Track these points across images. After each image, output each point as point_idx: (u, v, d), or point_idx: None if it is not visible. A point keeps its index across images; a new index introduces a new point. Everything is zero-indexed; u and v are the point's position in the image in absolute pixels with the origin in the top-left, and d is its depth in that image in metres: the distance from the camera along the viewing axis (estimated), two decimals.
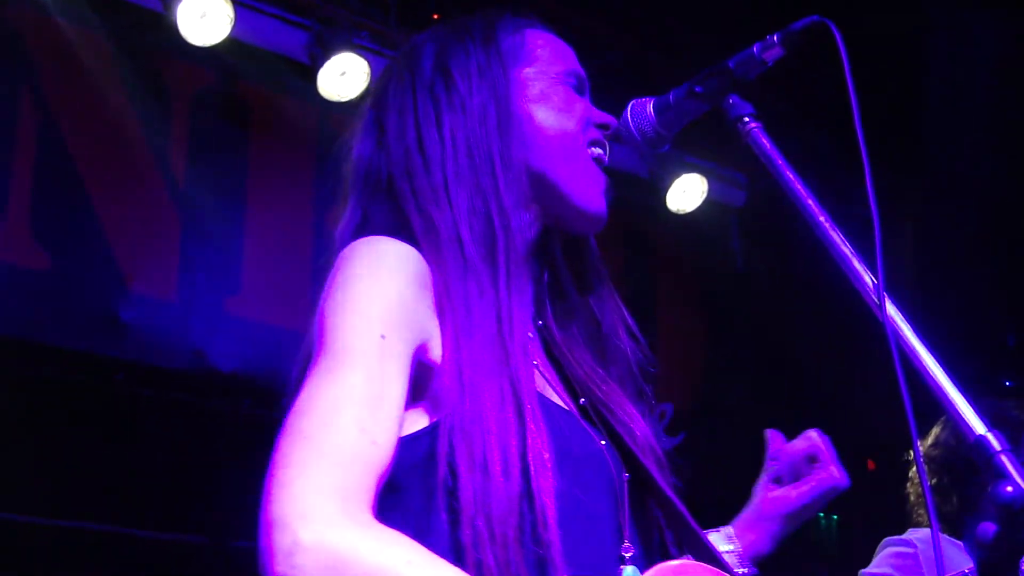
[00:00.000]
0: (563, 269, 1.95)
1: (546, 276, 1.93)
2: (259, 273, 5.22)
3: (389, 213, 1.79)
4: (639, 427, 1.84)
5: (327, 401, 1.54)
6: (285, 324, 5.24)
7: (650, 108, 1.94)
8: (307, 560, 1.41)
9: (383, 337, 1.59)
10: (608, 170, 1.93)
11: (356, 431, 1.51)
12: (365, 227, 1.79)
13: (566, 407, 1.78)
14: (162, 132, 5.15)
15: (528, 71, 1.91)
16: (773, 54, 1.84)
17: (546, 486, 1.59)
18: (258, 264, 5.23)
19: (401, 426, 1.60)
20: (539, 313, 1.90)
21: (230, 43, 5.04)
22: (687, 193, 6.33)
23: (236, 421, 5.27)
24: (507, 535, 1.54)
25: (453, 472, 1.58)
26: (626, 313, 1.98)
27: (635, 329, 1.97)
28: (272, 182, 5.38)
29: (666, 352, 6.84)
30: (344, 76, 5.21)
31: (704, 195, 6.36)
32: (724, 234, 6.99)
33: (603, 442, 1.76)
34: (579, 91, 1.94)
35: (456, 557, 1.54)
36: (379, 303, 1.61)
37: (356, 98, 5.25)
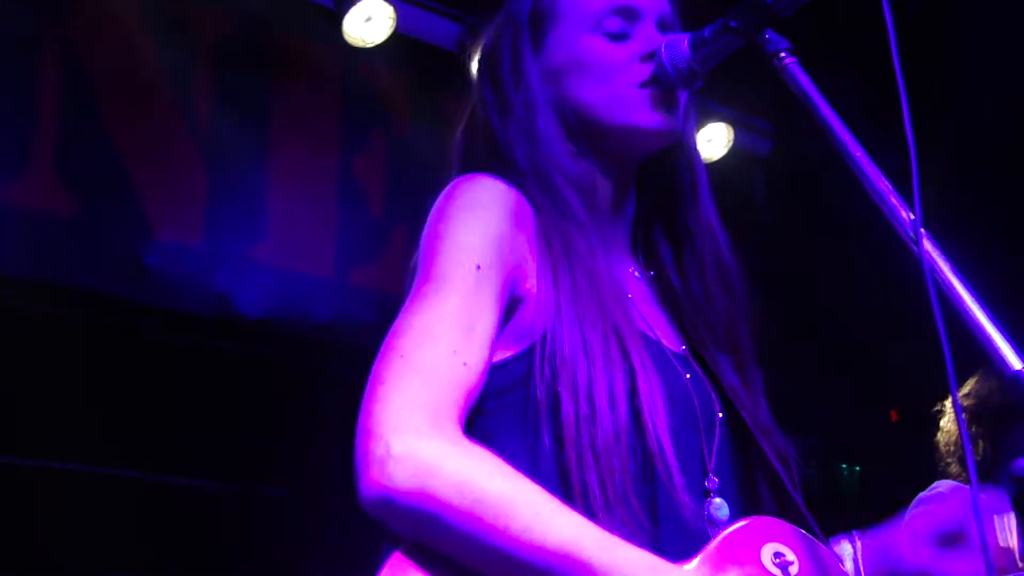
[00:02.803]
0: (671, 204, 2.05)
1: (658, 227, 2.03)
2: (284, 219, 5.22)
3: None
4: (729, 373, 1.92)
5: (423, 324, 1.65)
6: (310, 271, 5.25)
7: (685, 44, 1.93)
8: (397, 468, 1.52)
9: (478, 268, 1.69)
10: None
11: (448, 352, 1.62)
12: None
13: (656, 340, 1.84)
14: (187, 77, 5.13)
15: (556, 37, 1.98)
16: None
17: (660, 425, 1.68)
18: (284, 211, 5.23)
19: (492, 353, 1.70)
20: (653, 262, 2.01)
21: None
22: (712, 142, 6.30)
23: (262, 367, 5.30)
24: (613, 464, 1.63)
25: (554, 397, 1.67)
26: (723, 252, 2.05)
27: (730, 272, 2.05)
28: (297, 128, 5.36)
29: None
30: (369, 22, 5.17)
31: (729, 144, 6.32)
32: (749, 184, 6.95)
33: (688, 376, 1.83)
34: (618, 36, 1.97)
35: (561, 477, 1.64)
36: (475, 235, 1.72)
37: (381, 43, 5.22)
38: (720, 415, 1.83)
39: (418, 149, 5.29)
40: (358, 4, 5.12)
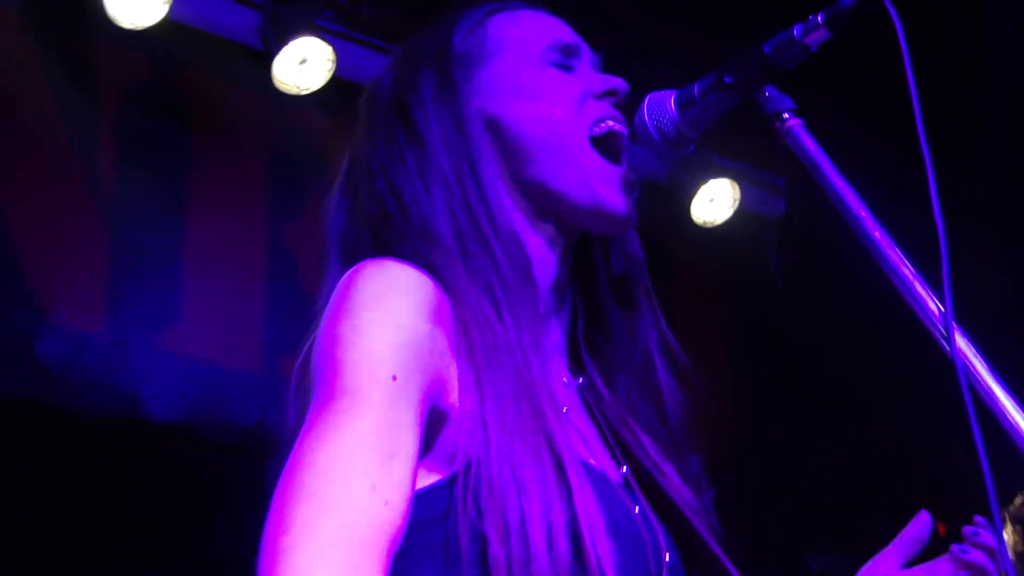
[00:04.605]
0: (603, 298, 2.01)
1: (581, 323, 1.99)
2: (202, 301, 5.21)
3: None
4: (687, 497, 1.88)
5: (333, 454, 1.55)
6: (232, 363, 5.23)
7: (671, 103, 1.93)
8: None
9: (394, 378, 1.61)
10: None
11: (367, 489, 1.53)
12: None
13: (601, 470, 1.81)
14: (87, 131, 5.15)
15: (494, 70, 1.97)
16: (817, 37, 1.84)
17: (605, 558, 1.62)
18: (201, 290, 5.22)
19: (415, 484, 1.62)
20: (580, 368, 1.96)
21: (167, 25, 5.04)
22: (715, 202, 6.33)
23: (177, 477, 5.26)
24: None
25: (480, 540, 1.60)
26: (670, 342, 2.03)
27: (679, 362, 2.03)
28: (218, 191, 5.37)
29: (690, 392, 6.80)
30: (304, 64, 5.21)
31: (736, 204, 6.36)
32: (760, 250, 6.97)
33: (637, 509, 1.80)
34: (564, 67, 1.99)
35: None
36: (388, 339, 1.63)
37: (318, 90, 5.24)
38: (667, 557, 1.79)
39: None
40: (291, 44, 5.15)
